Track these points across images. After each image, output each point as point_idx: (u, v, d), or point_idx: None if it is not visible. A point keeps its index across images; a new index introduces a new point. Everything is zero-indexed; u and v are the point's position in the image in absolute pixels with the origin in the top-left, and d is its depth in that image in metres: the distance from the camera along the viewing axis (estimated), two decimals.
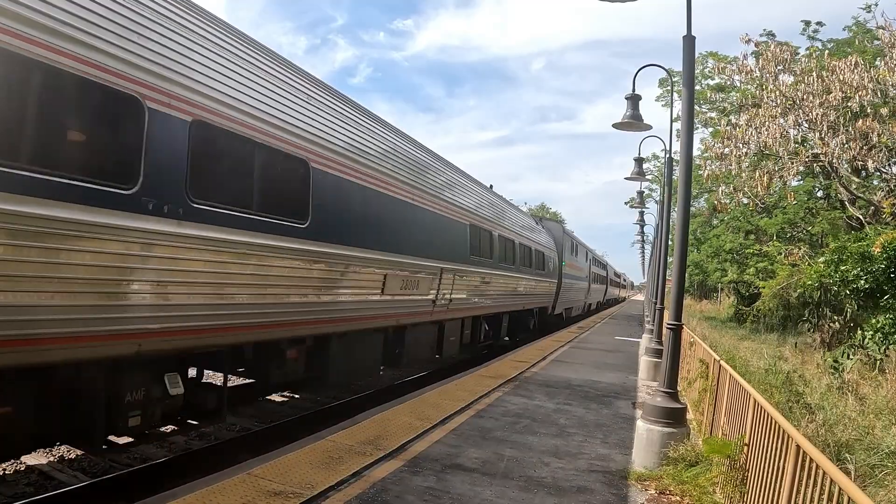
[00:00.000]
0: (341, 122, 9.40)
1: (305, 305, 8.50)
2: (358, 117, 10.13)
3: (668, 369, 7.60)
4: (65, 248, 5.07)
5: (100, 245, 5.34)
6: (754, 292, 35.83)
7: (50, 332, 5.10)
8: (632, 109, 12.24)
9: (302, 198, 8.18)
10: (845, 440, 8.90)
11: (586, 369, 15.71)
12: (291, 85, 8.29)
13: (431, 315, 13.09)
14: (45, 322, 5.06)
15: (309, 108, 8.51)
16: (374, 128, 10.62)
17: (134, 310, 5.88)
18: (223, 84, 6.83)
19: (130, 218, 5.59)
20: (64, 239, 5.04)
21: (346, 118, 9.65)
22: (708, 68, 36.68)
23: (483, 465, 7.06)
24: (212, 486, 5.69)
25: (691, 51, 7.85)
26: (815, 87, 23.51)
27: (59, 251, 5.03)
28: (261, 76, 7.59)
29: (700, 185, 36.14)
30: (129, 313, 5.82)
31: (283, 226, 7.68)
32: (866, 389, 13.05)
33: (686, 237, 7.97)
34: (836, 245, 22.95)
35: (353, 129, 9.75)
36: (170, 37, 6.14)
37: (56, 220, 4.94)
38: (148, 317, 6.02)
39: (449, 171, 14.74)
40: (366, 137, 10.11)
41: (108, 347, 5.68)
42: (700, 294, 63.92)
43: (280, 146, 7.67)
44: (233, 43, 7.29)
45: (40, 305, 5.00)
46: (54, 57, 4.90)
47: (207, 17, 6.99)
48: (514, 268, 20.09)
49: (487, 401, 10.67)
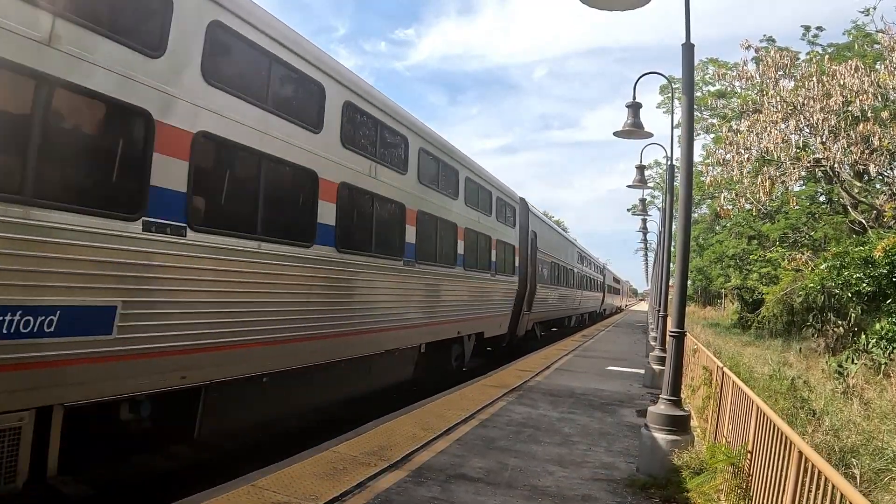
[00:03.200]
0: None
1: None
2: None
3: (671, 376, 7.60)
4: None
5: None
6: (758, 298, 35.77)
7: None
8: (633, 117, 12.27)
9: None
10: (851, 445, 8.89)
11: (590, 378, 15.69)
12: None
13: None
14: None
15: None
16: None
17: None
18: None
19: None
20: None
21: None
22: (709, 75, 36.79)
23: (487, 475, 7.05)
24: (217, 497, 5.71)
25: (690, 58, 7.89)
26: (815, 91, 23.56)
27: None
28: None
29: (702, 192, 36.21)
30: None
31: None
32: (871, 394, 13.03)
33: (688, 243, 7.98)
34: (838, 250, 22.95)
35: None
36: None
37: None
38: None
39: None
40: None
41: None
42: (704, 300, 63.81)
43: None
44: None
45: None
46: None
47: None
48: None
49: (491, 410, 10.67)
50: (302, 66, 8.38)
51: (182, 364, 6.50)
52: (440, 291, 13.59)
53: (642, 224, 39.30)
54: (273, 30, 7.71)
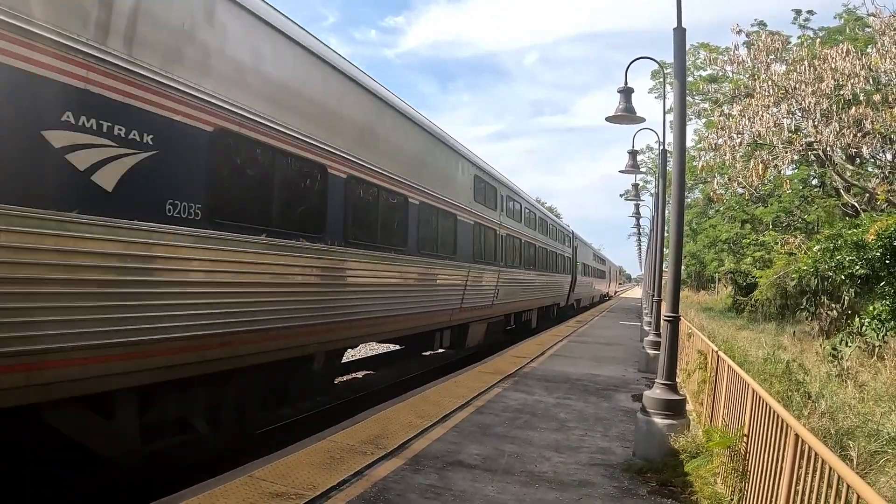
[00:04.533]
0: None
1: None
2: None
3: (666, 361, 7.61)
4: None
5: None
6: (751, 282, 35.86)
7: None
8: (624, 102, 12.24)
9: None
10: (847, 428, 8.92)
11: (585, 363, 15.73)
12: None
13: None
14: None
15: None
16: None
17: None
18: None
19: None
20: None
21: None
22: (700, 59, 36.67)
23: (484, 462, 7.06)
24: (213, 489, 5.69)
25: (682, 43, 7.86)
26: (807, 75, 23.52)
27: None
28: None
29: (695, 176, 36.20)
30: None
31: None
32: (865, 376, 13.09)
33: (681, 227, 7.98)
34: (831, 232, 23.01)
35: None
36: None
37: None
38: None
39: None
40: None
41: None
42: (697, 285, 63.97)
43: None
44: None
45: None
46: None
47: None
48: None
49: (487, 397, 10.68)
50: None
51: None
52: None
53: (635, 209, 39.32)
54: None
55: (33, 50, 4.71)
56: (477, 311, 17.23)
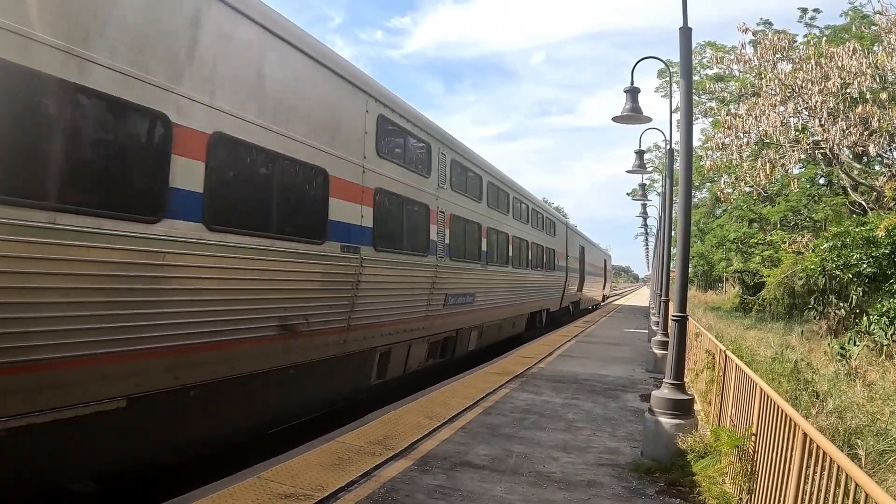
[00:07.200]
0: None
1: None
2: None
3: (674, 360, 7.61)
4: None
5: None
6: (759, 281, 35.77)
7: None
8: (631, 102, 12.20)
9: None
10: (855, 427, 8.90)
11: (593, 363, 15.72)
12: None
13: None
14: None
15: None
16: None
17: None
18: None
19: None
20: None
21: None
22: (706, 58, 36.61)
23: (492, 462, 7.07)
24: (223, 490, 5.73)
25: (688, 42, 7.86)
26: (813, 74, 23.46)
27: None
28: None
29: (702, 176, 36.12)
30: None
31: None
32: (874, 375, 13.04)
33: (688, 227, 7.98)
34: (838, 230, 22.92)
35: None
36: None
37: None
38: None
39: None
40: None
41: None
42: (705, 285, 63.80)
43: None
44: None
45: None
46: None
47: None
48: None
49: (495, 398, 10.69)
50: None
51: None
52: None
53: (642, 209, 39.28)
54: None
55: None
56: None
